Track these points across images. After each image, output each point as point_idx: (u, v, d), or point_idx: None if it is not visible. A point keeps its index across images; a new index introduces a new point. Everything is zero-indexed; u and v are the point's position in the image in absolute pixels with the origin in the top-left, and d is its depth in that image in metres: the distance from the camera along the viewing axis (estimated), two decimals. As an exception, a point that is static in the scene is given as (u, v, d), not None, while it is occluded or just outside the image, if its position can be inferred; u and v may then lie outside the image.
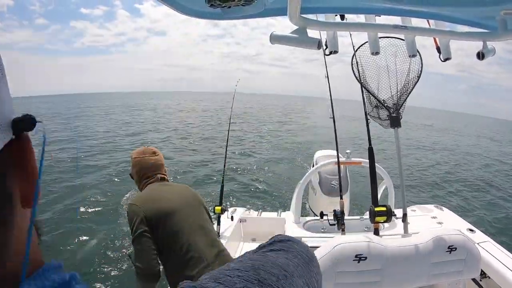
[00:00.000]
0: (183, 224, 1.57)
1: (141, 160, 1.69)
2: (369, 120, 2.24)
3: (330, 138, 2.72)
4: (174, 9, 1.16)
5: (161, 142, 13.66)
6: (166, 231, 1.53)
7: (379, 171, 2.72)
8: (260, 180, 8.56)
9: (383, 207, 1.94)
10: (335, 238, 1.69)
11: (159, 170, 1.72)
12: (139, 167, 1.69)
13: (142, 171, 1.69)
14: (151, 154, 1.72)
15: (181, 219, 1.58)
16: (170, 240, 1.53)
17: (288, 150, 12.84)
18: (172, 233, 1.53)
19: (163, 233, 1.52)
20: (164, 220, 1.53)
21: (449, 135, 23.96)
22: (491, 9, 1.19)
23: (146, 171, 1.69)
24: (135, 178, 1.74)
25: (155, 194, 1.62)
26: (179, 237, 1.54)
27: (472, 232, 2.55)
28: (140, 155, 1.71)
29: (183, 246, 1.52)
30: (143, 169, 1.69)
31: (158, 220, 1.52)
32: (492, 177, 11.20)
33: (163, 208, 1.55)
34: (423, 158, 13.58)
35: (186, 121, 22.83)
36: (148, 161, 1.69)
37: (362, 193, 6.67)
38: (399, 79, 2.07)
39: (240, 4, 1.03)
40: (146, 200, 1.57)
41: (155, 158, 1.71)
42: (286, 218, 2.93)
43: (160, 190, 1.65)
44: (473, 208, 7.51)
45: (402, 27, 1.43)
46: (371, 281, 1.61)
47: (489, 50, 1.47)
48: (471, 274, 1.78)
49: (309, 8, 1.33)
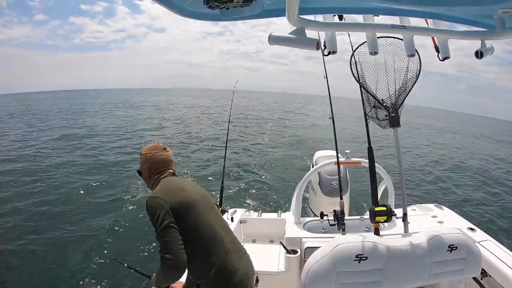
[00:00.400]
0: (204, 213, 1.63)
1: (153, 156, 1.71)
2: (368, 119, 2.24)
3: (330, 137, 2.72)
4: (172, 11, 1.16)
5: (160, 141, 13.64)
6: (191, 220, 1.57)
7: (379, 171, 2.72)
8: (260, 180, 8.56)
9: (383, 206, 1.94)
10: (336, 239, 1.69)
11: (169, 165, 1.75)
12: (150, 163, 1.71)
13: (154, 166, 1.71)
14: (162, 150, 1.75)
15: (202, 209, 1.63)
16: (196, 229, 1.58)
17: (288, 150, 12.85)
18: (197, 221, 1.59)
19: (188, 222, 1.56)
20: (188, 210, 1.57)
21: (449, 135, 23.98)
22: (489, 7, 1.19)
23: (158, 166, 1.71)
24: (146, 175, 1.75)
25: (174, 186, 1.64)
26: (204, 226, 1.60)
27: (473, 231, 2.55)
28: (152, 150, 1.73)
29: (208, 234, 1.59)
30: (155, 165, 1.71)
31: (182, 210, 1.55)
32: (492, 176, 11.22)
33: (185, 199, 1.59)
34: (422, 157, 13.59)
35: (185, 120, 22.82)
36: (160, 156, 1.71)
37: (362, 193, 6.67)
38: (398, 78, 2.07)
39: (239, 5, 1.03)
40: (167, 192, 1.58)
41: (166, 154, 1.74)
42: (286, 218, 2.93)
43: (177, 182, 1.68)
44: (473, 207, 7.52)
45: (400, 27, 1.43)
46: (372, 281, 1.61)
47: (487, 48, 1.47)
48: (472, 273, 1.77)
49: (308, 9, 1.33)
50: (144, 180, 1.78)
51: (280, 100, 68.77)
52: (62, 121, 20.49)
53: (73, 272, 4.20)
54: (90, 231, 5.36)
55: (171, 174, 1.73)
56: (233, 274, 1.59)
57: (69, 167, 9.29)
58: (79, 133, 15.54)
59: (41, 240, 5.04)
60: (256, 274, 2.44)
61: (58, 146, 12.52)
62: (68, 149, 11.84)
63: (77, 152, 11.41)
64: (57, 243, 4.97)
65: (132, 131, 16.78)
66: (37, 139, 14.04)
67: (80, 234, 5.23)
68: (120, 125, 18.99)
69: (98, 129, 17.00)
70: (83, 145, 12.78)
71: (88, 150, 11.84)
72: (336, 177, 2.70)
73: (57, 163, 9.69)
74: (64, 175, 8.48)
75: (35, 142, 13.21)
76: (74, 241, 5.00)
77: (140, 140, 13.84)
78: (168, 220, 1.49)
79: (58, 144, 12.92)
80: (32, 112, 27.18)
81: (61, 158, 10.38)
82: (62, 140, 13.72)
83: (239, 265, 1.63)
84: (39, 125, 18.80)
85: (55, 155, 10.91)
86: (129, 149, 12.04)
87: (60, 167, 9.23)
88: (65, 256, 4.59)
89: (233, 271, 1.59)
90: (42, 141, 13.42)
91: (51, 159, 10.25)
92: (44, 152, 11.41)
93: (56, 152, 11.32)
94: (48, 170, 8.91)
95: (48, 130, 16.68)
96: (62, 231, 5.32)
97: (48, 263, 4.42)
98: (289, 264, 2.43)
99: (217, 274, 1.56)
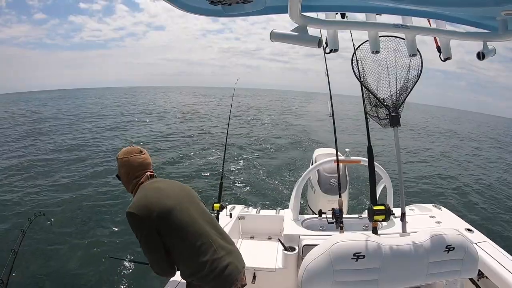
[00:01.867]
0: (187, 214, 1.62)
1: (129, 160, 1.67)
2: (368, 118, 2.24)
3: (330, 136, 2.72)
4: (174, 6, 1.15)
5: (160, 140, 13.66)
6: (174, 226, 1.56)
7: (378, 170, 2.72)
8: (259, 177, 8.57)
9: (382, 205, 1.95)
10: (334, 237, 1.70)
11: (147, 168, 1.72)
12: (127, 167, 1.68)
13: (131, 171, 1.68)
14: (138, 153, 1.71)
15: (184, 209, 1.62)
16: (180, 232, 1.57)
17: (287, 147, 12.85)
18: (181, 225, 1.58)
19: (171, 228, 1.55)
20: (169, 217, 1.56)
21: (448, 135, 23.96)
22: (491, 9, 1.19)
23: (135, 170, 1.67)
24: (124, 179, 1.72)
25: (152, 194, 1.61)
26: (188, 226, 1.59)
27: (470, 232, 2.55)
28: (127, 155, 1.69)
29: (193, 234, 1.59)
30: (131, 169, 1.67)
31: (163, 219, 1.54)
32: (491, 177, 11.22)
33: (164, 207, 1.57)
34: (422, 157, 13.59)
35: (185, 117, 22.78)
36: (136, 160, 1.68)
37: (361, 191, 6.69)
38: (399, 78, 2.07)
39: (241, 1, 1.03)
40: (145, 204, 1.56)
41: (142, 157, 1.70)
42: (284, 215, 2.93)
43: (155, 188, 1.65)
44: (471, 208, 7.53)
45: (403, 26, 1.42)
46: (369, 280, 1.62)
47: (489, 50, 1.47)
48: (469, 274, 1.78)
49: (310, 6, 1.33)
50: (123, 184, 1.74)
51: (280, 98, 68.67)
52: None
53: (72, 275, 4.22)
54: (89, 231, 5.38)
55: (149, 177, 1.70)
56: (221, 270, 1.58)
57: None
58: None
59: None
60: (254, 270, 2.46)
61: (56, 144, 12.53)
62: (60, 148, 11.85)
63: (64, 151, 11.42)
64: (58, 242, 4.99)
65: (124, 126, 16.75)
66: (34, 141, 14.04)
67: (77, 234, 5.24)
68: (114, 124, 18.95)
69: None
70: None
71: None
72: (335, 175, 2.70)
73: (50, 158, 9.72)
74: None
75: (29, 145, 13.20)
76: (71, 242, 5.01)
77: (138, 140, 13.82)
78: (148, 236, 1.51)
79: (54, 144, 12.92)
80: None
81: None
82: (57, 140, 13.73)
83: (228, 261, 1.63)
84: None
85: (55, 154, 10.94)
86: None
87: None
88: (65, 256, 4.61)
89: (221, 268, 1.59)
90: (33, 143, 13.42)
91: (50, 159, 10.27)
92: (42, 151, 11.42)
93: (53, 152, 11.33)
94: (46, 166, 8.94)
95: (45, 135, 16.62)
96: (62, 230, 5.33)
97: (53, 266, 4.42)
98: (287, 261, 2.43)
99: (206, 272, 1.56)
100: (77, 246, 4.82)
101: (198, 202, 1.77)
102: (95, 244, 4.90)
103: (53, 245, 4.81)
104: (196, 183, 7.65)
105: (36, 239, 4.78)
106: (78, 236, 5.16)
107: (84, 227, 5.50)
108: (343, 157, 2.86)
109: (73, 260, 4.49)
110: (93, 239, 5.04)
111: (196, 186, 7.34)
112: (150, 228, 1.51)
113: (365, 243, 1.61)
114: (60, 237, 5.04)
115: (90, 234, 5.24)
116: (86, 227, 5.50)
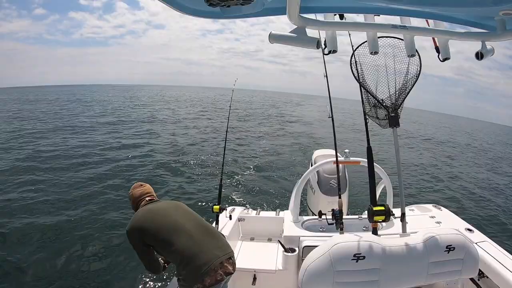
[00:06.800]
0: (168, 218, 1.97)
1: (133, 193, 2.21)
2: (367, 119, 2.24)
3: (329, 137, 2.72)
4: (172, 8, 1.16)
5: (160, 140, 13.65)
6: (160, 233, 1.89)
7: (378, 171, 2.72)
8: (259, 179, 8.56)
9: (382, 206, 1.94)
10: (334, 238, 1.70)
11: (148, 195, 2.20)
12: (133, 198, 2.19)
13: (135, 200, 2.18)
14: (139, 186, 2.24)
15: (167, 216, 1.98)
16: (162, 234, 1.89)
17: (287, 148, 12.84)
18: (162, 227, 1.91)
19: (155, 239, 1.90)
20: (155, 228, 1.90)
21: (448, 136, 23.99)
22: (489, 9, 1.19)
23: (138, 199, 2.18)
24: (134, 207, 2.19)
25: (143, 214, 2.01)
26: (167, 224, 1.93)
27: (471, 232, 2.55)
28: (132, 190, 2.24)
29: (169, 227, 1.91)
30: (135, 199, 2.18)
31: (150, 230, 1.90)
32: (491, 177, 11.24)
33: (160, 221, 1.93)
34: (422, 157, 13.61)
35: (184, 118, 22.78)
36: (138, 192, 2.20)
37: (360, 192, 6.68)
38: (398, 78, 2.06)
39: (239, 3, 1.03)
40: (138, 221, 1.96)
41: (142, 189, 2.22)
42: (284, 217, 2.93)
43: (147, 209, 2.05)
44: (471, 208, 7.54)
45: (401, 27, 1.43)
46: (369, 280, 1.62)
47: (488, 50, 1.47)
48: (469, 274, 1.78)
49: (309, 8, 1.33)
50: (134, 210, 2.21)
51: (279, 99, 68.72)
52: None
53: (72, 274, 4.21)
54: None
55: (148, 202, 2.15)
56: (197, 255, 1.81)
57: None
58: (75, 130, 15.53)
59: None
60: (254, 272, 2.45)
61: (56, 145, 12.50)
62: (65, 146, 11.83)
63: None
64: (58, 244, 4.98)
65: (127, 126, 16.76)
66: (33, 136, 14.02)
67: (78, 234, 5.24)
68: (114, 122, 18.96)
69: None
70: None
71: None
72: (335, 176, 2.70)
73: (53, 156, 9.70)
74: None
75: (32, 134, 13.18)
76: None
77: (139, 139, 13.80)
78: (140, 246, 1.92)
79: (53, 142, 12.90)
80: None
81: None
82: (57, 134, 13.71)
83: (206, 247, 1.87)
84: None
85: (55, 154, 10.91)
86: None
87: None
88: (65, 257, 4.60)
89: (196, 252, 1.82)
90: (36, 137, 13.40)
91: (50, 157, 10.25)
92: (43, 152, 11.41)
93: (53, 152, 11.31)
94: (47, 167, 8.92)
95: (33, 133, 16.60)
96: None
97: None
98: (287, 263, 2.43)
99: (183, 258, 1.81)
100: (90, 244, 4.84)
101: (184, 208, 2.14)
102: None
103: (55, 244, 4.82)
104: (196, 185, 7.64)
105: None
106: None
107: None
108: (343, 158, 2.86)
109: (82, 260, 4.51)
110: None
111: (196, 189, 7.36)
112: (139, 240, 1.91)
113: (365, 244, 1.60)
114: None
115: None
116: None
